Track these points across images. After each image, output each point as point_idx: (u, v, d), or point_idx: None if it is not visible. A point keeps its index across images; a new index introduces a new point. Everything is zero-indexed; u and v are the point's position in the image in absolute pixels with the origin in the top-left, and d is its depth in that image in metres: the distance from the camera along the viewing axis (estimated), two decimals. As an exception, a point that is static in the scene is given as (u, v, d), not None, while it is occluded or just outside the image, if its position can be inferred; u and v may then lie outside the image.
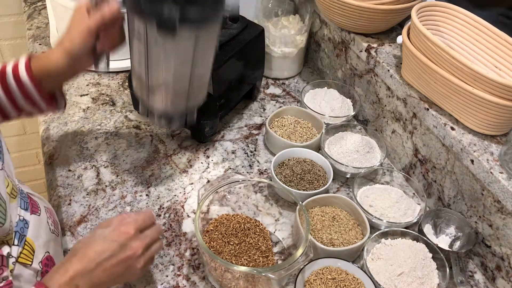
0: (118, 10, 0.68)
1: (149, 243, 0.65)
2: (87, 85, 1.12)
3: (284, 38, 1.14)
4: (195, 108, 0.78)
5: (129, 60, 1.13)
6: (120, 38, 0.73)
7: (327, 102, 1.06)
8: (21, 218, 0.64)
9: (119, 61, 1.16)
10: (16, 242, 0.61)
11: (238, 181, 0.82)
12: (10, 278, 0.59)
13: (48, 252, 0.67)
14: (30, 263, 0.63)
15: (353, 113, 1.05)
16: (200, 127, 0.97)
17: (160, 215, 0.85)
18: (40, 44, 1.23)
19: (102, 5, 0.68)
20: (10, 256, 0.60)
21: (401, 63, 0.92)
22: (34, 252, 0.64)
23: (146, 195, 0.89)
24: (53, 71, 0.69)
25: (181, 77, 0.71)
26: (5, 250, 0.59)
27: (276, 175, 0.89)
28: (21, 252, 0.62)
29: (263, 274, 0.66)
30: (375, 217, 0.84)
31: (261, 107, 1.12)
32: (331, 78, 1.18)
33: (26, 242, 0.63)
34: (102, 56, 0.74)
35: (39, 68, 0.69)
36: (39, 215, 0.68)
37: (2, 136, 0.64)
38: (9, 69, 0.69)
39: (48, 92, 0.72)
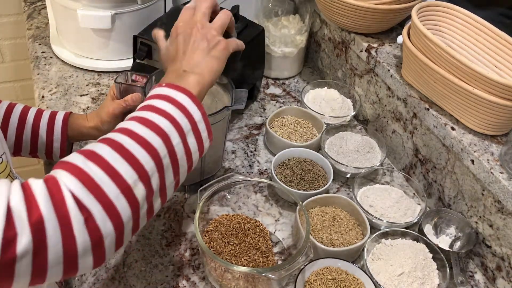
0: (139, 99, 0.77)
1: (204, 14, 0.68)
2: (87, 85, 1.12)
3: (284, 38, 1.14)
4: (210, 176, 0.90)
5: (129, 60, 1.14)
6: None
7: (327, 102, 1.06)
8: None
9: (119, 61, 1.16)
10: None
11: (238, 181, 0.82)
12: None
13: None
14: None
15: (353, 113, 1.05)
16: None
17: (160, 215, 0.85)
18: (40, 44, 1.23)
19: (127, 93, 0.79)
20: None
21: (401, 63, 0.92)
22: None
23: (146, 195, 0.89)
24: (85, 135, 0.84)
25: None
26: None
27: (276, 175, 0.89)
28: None
29: (263, 274, 0.66)
30: (375, 217, 0.84)
31: (261, 107, 1.12)
32: (331, 78, 1.18)
33: None
34: None
35: (72, 126, 0.83)
36: None
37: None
38: (46, 113, 0.82)
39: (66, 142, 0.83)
